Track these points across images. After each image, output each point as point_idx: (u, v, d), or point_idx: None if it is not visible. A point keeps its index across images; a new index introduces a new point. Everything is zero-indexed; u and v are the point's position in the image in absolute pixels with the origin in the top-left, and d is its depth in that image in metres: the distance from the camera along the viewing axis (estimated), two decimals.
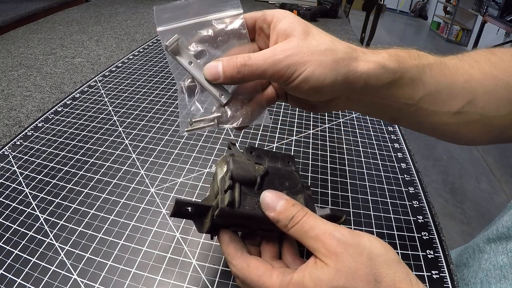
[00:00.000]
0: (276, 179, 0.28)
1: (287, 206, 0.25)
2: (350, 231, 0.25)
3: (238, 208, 0.26)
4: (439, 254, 0.35)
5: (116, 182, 0.41)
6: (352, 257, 0.23)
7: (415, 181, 0.45)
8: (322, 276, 0.23)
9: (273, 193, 0.26)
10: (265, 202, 0.26)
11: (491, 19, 3.72)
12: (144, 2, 1.34)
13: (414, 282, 0.23)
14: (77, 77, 0.67)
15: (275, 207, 0.26)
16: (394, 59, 0.28)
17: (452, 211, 1.82)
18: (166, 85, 0.65)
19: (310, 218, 0.25)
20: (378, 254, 0.24)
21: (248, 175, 0.27)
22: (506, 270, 0.37)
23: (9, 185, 0.40)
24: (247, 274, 0.25)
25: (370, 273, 0.23)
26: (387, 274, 0.23)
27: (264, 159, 0.30)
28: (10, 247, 0.33)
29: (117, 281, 0.31)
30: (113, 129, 0.51)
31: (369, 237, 0.25)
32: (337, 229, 0.24)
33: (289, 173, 0.29)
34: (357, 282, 0.23)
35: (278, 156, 0.31)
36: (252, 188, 0.27)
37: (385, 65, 0.28)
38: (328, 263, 0.24)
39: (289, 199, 0.26)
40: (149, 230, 0.36)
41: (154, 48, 0.84)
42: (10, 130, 0.50)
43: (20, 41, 0.86)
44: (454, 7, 5.02)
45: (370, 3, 1.77)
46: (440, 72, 0.30)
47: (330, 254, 0.24)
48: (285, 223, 0.25)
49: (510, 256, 0.38)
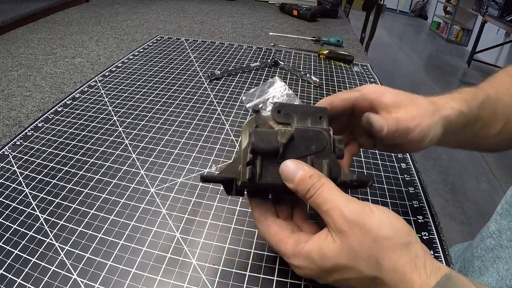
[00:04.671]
0: (302, 143, 0.28)
1: (304, 178, 0.26)
2: (360, 208, 0.24)
3: (259, 180, 0.26)
4: (439, 254, 0.35)
5: (116, 182, 0.41)
6: (356, 237, 0.24)
7: (415, 181, 0.45)
8: (327, 252, 0.25)
9: (293, 163, 0.26)
10: (284, 173, 0.27)
11: (491, 19, 3.72)
12: (144, 2, 1.34)
13: (420, 265, 0.23)
14: (77, 77, 0.67)
15: (293, 178, 0.26)
16: (466, 104, 0.34)
17: (452, 211, 1.82)
18: (166, 85, 0.65)
19: (325, 190, 0.25)
20: (385, 237, 0.23)
21: (270, 147, 0.27)
22: (497, 250, 0.38)
23: (9, 185, 0.40)
24: (267, 238, 0.28)
25: (373, 255, 0.23)
26: (390, 257, 0.23)
27: (293, 117, 0.29)
28: (10, 247, 0.33)
29: (117, 281, 0.31)
30: (113, 129, 0.51)
31: (381, 216, 0.24)
32: (347, 205, 0.24)
33: (317, 134, 0.28)
34: (359, 262, 0.24)
35: (309, 112, 0.29)
36: (275, 157, 0.27)
37: (462, 111, 0.33)
38: (335, 239, 0.24)
39: (308, 169, 0.26)
40: (149, 230, 0.36)
41: (154, 48, 0.84)
42: (10, 130, 0.50)
43: (20, 41, 0.86)
44: (454, 7, 5.02)
45: (370, 3, 1.77)
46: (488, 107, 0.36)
47: (337, 231, 0.24)
48: (303, 194, 0.26)
49: (496, 237, 0.39)
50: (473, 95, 0.36)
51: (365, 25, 1.88)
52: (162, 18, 1.13)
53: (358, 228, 0.24)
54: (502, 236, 0.38)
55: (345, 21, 1.32)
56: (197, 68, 0.74)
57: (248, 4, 1.43)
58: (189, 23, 1.09)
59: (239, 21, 1.15)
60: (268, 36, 1.01)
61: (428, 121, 0.31)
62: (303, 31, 1.10)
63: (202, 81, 0.68)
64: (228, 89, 0.66)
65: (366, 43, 1.83)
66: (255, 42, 0.95)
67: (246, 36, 1.00)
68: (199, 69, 0.73)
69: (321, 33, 1.08)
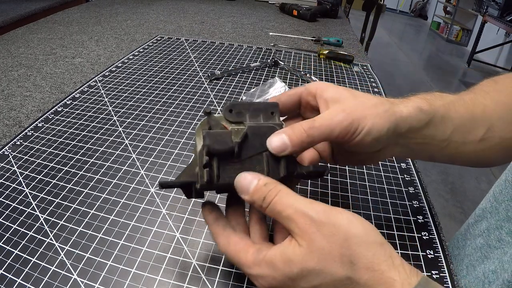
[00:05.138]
0: (257, 139, 0.28)
1: (259, 187, 0.25)
2: (326, 209, 0.23)
3: (217, 182, 0.26)
4: (439, 254, 0.35)
5: (116, 182, 0.41)
6: (325, 237, 0.22)
7: (415, 181, 0.45)
8: (293, 257, 0.23)
9: (246, 175, 0.26)
10: (239, 186, 0.26)
11: (491, 19, 3.72)
12: (144, 2, 1.34)
13: (398, 264, 0.22)
14: (77, 77, 0.67)
15: (248, 189, 0.25)
16: (425, 102, 0.31)
17: (452, 211, 1.82)
18: (166, 85, 0.65)
19: (284, 197, 0.24)
20: (356, 235, 0.22)
21: (225, 148, 0.26)
22: (485, 250, 0.38)
23: (9, 185, 0.40)
24: (228, 250, 0.26)
25: (345, 254, 0.22)
26: (364, 255, 0.22)
27: (245, 115, 0.29)
28: (10, 247, 0.33)
29: (117, 281, 0.31)
30: (113, 129, 0.51)
31: (349, 216, 0.23)
32: (311, 207, 0.23)
33: (270, 129, 0.28)
34: (330, 264, 0.22)
35: (260, 108, 0.29)
36: (231, 157, 0.27)
37: (421, 108, 0.31)
38: (301, 244, 0.23)
39: (263, 178, 0.25)
40: (149, 230, 0.36)
41: (154, 48, 0.84)
42: (10, 130, 0.50)
43: (20, 41, 0.86)
44: (454, 7, 5.02)
45: (370, 3, 1.77)
46: (461, 107, 0.33)
47: (303, 234, 0.23)
48: (259, 204, 0.25)
49: (485, 236, 0.38)
50: (437, 96, 0.34)
51: (365, 25, 1.88)
52: (162, 18, 1.13)
53: (327, 228, 0.22)
54: (490, 235, 0.38)
55: (345, 21, 1.32)
56: (197, 68, 0.74)
57: (248, 4, 1.43)
58: (189, 23, 1.09)
59: (239, 21, 1.15)
60: (268, 36, 1.01)
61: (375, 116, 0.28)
62: (303, 31, 1.10)
63: (202, 81, 0.68)
64: (228, 89, 0.66)
65: (366, 43, 1.83)
66: (255, 42, 0.95)
67: (246, 36, 1.00)
68: (199, 69, 0.73)
69: (321, 33, 1.08)
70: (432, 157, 0.35)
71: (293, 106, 0.33)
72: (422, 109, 0.31)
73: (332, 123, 0.28)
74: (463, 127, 0.33)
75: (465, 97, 0.35)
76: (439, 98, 0.33)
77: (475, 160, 0.36)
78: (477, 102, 0.34)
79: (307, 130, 0.27)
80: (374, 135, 0.28)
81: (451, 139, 0.33)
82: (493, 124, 0.34)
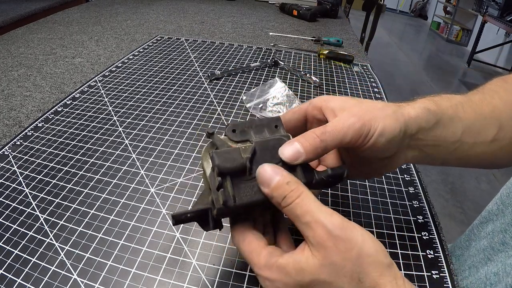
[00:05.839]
0: (266, 153, 0.27)
1: (281, 183, 0.25)
2: (343, 222, 0.24)
3: (234, 203, 0.25)
4: (439, 254, 0.35)
5: (116, 182, 0.41)
6: (341, 252, 0.23)
7: (415, 181, 0.45)
8: (305, 267, 0.23)
9: (270, 167, 0.25)
10: (261, 177, 0.25)
11: (491, 19, 3.72)
12: (144, 2, 1.34)
13: (400, 284, 0.23)
14: (77, 77, 0.67)
15: (270, 183, 0.25)
16: (432, 103, 0.31)
17: (452, 211, 1.82)
18: (166, 85, 0.65)
19: (304, 201, 0.24)
20: (369, 254, 0.23)
21: (236, 165, 0.25)
22: (488, 252, 0.38)
23: (9, 185, 0.40)
24: (241, 246, 0.26)
25: (356, 271, 0.23)
26: (373, 275, 0.23)
27: (249, 133, 0.28)
28: (10, 247, 0.33)
29: (117, 281, 0.31)
30: (113, 129, 0.51)
31: (363, 234, 0.24)
32: (330, 219, 0.23)
33: (278, 141, 0.27)
34: (341, 278, 0.23)
35: (263, 124, 0.29)
36: (243, 175, 0.26)
37: (428, 108, 0.31)
38: (315, 255, 0.23)
39: (286, 175, 0.25)
40: (149, 230, 0.36)
41: (154, 48, 0.84)
42: (10, 130, 0.50)
43: (20, 41, 0.86)
44: (454, 7, 5.02)
45: (370, 3, 1.77)
46: (469, 108, 0.33)
47: (318, 246, 0.23)
48: (278, 201, 0.25)
49: (489, 238, 0.38)
50: (444, 97, 0.33)
51: (365, 25, 1.88)
52: (162, 18, 1.13)
53: (343, 244, 0.23)
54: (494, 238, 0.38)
55: (345, 21, 1.32)
56: (197, 68, 0.74)
57: (248, 4, 1.43)
58: (189, 23, 1.09)
59: (239, 21, 1.15)
60: (268, 36, 1.01)
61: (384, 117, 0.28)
62: (303, 31, 1.10)
63: (202, 81, 0.68)
64: (228, 89, 0.66)
65: (366, 43, 1.83)
66: (255, 42, 0.95)
67: (246, 36, 1.00)
68: (199, 69, 0.73)
69: (321, 33, 1.08)
70: (445, 160, 0.34)
71: (299, 123, 0.33)
72: (430, 110, 0.31)
73: (344, 127, 0.27)
74: (473, 127, 0.33)
75: (473, 97, 0.34)
76: (446, 99, 0.33)
77: (488, 162, 0.36)
78: (486, 102, 0.34)
79: (320, 135, 0.27)
80: (387, 136, 0.28)
81: (462, 140, 0.32)
82: (503, 124, 0.33)
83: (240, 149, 0.26)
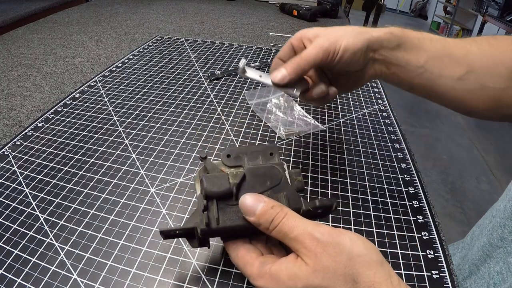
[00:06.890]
0: (256, 180, 0.28)
1: (266, 209, 0.26)
2: (330, 230, 0.24)
3: (218, 225, 0.26)
4: (439, 254, 0.35)
5: (116, 182, 0.41)
6: (331, 256, 0.23)
7: (415, 181, 0.45)
8: (298, 273, 0.24)
9: (252, 197, 0.26)
10: (244, 207, 0.26)
11: (491, 19, 3.72)
12: (144, 2, 1.34)
13: (395, 284, 0.23)
14: (77, 77, 0.67)
15: (255, 211, 0.26)
16: (399, 30, 0.36)
17: (452, 211, 1.82)
18: (166, 85, 0.65)
19: (290, 219, 0.25)
20: (359, 254, 0.23)
21: (222, 189, 0.27)
22: (487, 249, 0.38)
23: (9, 185, 0.40)
24: (236, 262, 0.27)
25: (349, 273, 0.23)
26: (366, 275, 0.23)
27: (243, 159, 0.29)
28: (10, 247, 0.33)
29: (117, 281, 0.31)
30: (113, 129, 0.51)
31: (351, 236, 0.24)
32: (317, 229, 0.24)
33: (269, 169, 0.29)
34: (335, 282, 0.23)
35: (259, 150, 0.30)
36: (230, 199, 0.27)
37: (392, 32, 0.36)
38: (307, 262, 0.24)
39: (268, 201, 0.26)
40: (149, 230, 0.36)
41: (154, 48, 0.84)
42: (10, 130, 0.50)
43: (20, 41, 0.86)
44: (454, 7, 5.02)
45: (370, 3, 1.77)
46: (440, 44, 0.37)
47: (309, 254, 0.24)
48: (266, 226, 0.26)
49: (488, 234, 0.39)
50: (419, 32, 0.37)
51: (365, 25, 1.88)
52: (162, 18, 1.13)
53: (332, 248, 0.24)
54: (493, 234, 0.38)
55: (345, 21, 1.32)
56: (197, 68, 0.74)
57: (248, 4, 1.43)
58: (189, 23, 1.09)
59: (239, 21, 1.15)
60: (268, 36, 1.01)
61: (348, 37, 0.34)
62: None
63: (202, 81, 0.68)
64: (228, 89, 0.66)
65: None
66: (255, 42, 0.95)
67: (246, 36, 1.00)
68: (199, 69, 0.73)
69: None
70: (412, 85, 0.38)
71: (290, 53, 0.39)
72: (393, 33, 0.36)
73: (315, 49, 0.34)
74: (438, 60, 0.36)
75: (450, 39, 0.38)
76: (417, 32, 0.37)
77: (457, 102, 0.38)
78: (460, 45, 0.37)
79: (298, 60, 0.35)
80: (351, 50, 0.34)
81: (426, 68, 0.36)
82: (474, 68, 0.36)
83: (230, 174, 0.28)
